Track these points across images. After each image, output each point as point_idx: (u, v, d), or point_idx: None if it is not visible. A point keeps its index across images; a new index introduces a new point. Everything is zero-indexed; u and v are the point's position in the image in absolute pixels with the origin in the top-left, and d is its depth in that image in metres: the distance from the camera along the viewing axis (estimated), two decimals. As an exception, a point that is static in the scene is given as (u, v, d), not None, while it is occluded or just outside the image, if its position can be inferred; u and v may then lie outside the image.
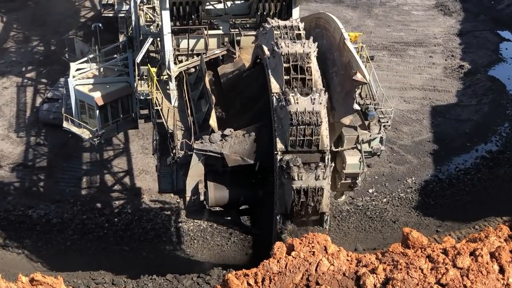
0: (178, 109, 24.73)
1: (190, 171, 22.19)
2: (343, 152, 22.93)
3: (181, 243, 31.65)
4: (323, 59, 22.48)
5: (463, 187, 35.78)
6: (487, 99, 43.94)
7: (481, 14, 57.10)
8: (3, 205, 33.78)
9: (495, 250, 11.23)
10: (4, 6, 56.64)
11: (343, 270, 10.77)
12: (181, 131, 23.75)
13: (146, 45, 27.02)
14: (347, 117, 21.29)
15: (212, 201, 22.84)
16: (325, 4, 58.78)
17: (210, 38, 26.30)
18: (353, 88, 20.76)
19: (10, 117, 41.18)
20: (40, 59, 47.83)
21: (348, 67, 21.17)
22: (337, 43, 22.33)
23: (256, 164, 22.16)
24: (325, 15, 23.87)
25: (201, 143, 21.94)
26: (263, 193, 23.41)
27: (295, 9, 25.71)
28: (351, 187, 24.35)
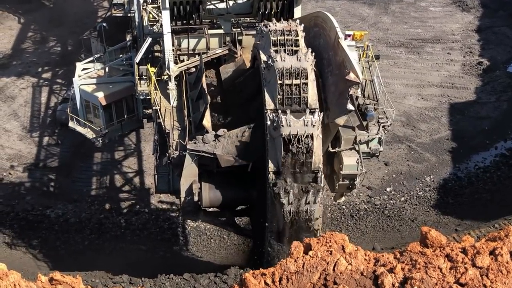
0: (177, 109, 24.71)
1: (184, 171, 22.26)
2: (341, 153, 22.84)
3: (198, 242, 31.77)
4: (319, 59, 22.38)
5: (483, 185, 35.50)
6: (507, 96, 43.50)
7: (500, 10, 56.45)
8: (21, 205, 34.15)
9: None
10: (21, 7, 57.23)
11: (361, 270, 10.75)
12: (178, 131, 23.71)
13: (145, 45, 27.00)
14: (341, 117, 21.26)
15: (206, 202, 22.96)
16: (341, 1, 58.58)
17: (212, 38, 26.31)
18: (347, 88, 20.62)
19: (28, 117, 41.61)
20: (56, 59, 48.28)
21: (342, 66, 21.04)
22: (332, 42, 22.21)
23: (249, 165, 22.21)
24: (323, 14, 23.71)
25: (194, 143, 21.99)
26: (256, 194, 23.42)
27: (297, 8, 25.62)
28: (349, 188, 24.24)
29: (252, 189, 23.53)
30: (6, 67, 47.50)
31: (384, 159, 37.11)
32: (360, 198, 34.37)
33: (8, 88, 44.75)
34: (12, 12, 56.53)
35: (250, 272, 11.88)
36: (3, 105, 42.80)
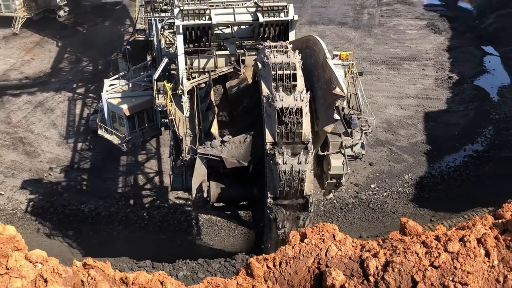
0: (189, 118, 24.69)
1: (195, 172, 22.31)
2: (329, 156, 22.81)
3: (210, 232, 31.73)
4: (310, 76, 22.36)
5: (453, 182, 35.37)
6: (473, 106, 43.40)
7: (466, 32, 56.52)
8: (60, 201, 34.20)
9: (481, 236, 11.09)
10: (59, 33, 57.58)
11: (349, 255, 10.71)
12: (190, 137, 23.73)
13: (162, 65, 27.13)
14: (329, 125, 21.20)
15: (214, 198, 22.89)
16: (331, 26, 58.67)
17: (219, 58, 26.22)
18: (333, 101, 20.56)
19: (64, 126, 41.72)
20: (89, 77, 48.50)
21: (329, 82, 21.03)
22: (321, 61, 22.22)
23: (250, 166, 22.21)
24: (313, 37, 23.70)
25: (203, 148, 22.03)
26: (257, 191, 23.41)
27: (291, 32, 25.44)
28: (336, 186, 24.12)
29: (253, 187, 23.51)
30: (46, 84, 47.68)
31: (369, 160, 37.04)
32: (348, 194, 34.29)
33: (48, 102, 44.91)
34: (51, 37, 56.82)
35: (254, 257, 11.86)
36: (44, 116, 42.92)
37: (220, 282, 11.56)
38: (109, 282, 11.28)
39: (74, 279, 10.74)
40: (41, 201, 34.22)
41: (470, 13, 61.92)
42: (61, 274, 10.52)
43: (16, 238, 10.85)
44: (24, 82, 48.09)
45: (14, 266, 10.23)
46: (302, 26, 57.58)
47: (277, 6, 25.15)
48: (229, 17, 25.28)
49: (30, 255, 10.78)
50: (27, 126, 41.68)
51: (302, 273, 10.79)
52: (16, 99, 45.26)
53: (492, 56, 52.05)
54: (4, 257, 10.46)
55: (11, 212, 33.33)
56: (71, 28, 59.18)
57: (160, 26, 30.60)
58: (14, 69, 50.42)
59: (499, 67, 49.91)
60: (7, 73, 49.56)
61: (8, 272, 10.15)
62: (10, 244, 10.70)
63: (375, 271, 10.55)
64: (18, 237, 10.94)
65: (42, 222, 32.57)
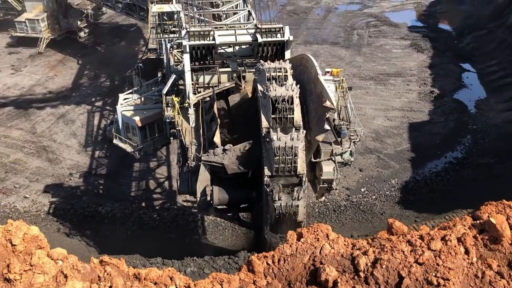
0: (195, 129, 24.69)
1: (199, 177, 22.24)
2: (321, 162, 22.73)
3: (215, 231, 31.61)
4: (304, 90, 22.39)
5: (435, 186, 35.25)
6: (453, 117, 43.37)
7: (446, 51, 56.57)
8: (79, 203, 34.14)
9: (461, 236, 11.02)
10: (80, 52, 57.79)
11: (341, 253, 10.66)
12: (195, 146, 23.73)
13: (170, 81, 27.19)
14: (320, 135, 21.18)
15: (216, 200, 22.85)
16: (324, 45, 58.79)
17: (222, 74, 26.23)
18: (324, 113, 20.61)
19: (84, 136, 41.75)
20: (106, 91, 48.54)
21: (320, 96, 21.09)
22: (313, 77, 22.25)
23: (249, 172, 22.17)
24: (306, 56, 23.84)
25: (207, 155, 22.01)
26: (256, 195, 23.36)
27: (287, 52, 25.42)
28: (328, 190, 24.04)
29: (252, 191, 23.47)
30: (68, 98, 47.75)
31: (359, 166, 36.96)
32: (340, 197, 34.18)
33: (69, 114, 44.95)
34: (72, 56, 57.00)
35: (255, 255, 11.80)
36: (65, 127, 42.95)
37: (224, 278, 11.50)
38: (123, 278, 11.23)
39: (91, 274, 10.71)
40: (62, 203, 34.16)
41: (449, 34, 62.03)
42: (80, 270, 10.51)
43: (39, 238, 10.86)
44: (47, 96, 48.18)
45: (37, 263, 10.24)
46: (298, 46, 57.71)
47: (274, 28, 25.22)
48: (231, 37, 25.34)
49: (51, 253, 10.77)
50: (50, 135, 41.70)
51: (299, 269, 10.74)
52: (41, 111, 45.32)
53: (470, 72, 52.02)
54: (28, 255, 10.46)
55: (35, 214, 33.27)
56: (91, 48, 59.38)
57: (169, 46, 30.70)
58: (39, 84, 50.55)
59: (476, 83, 49.89)
60: (33, 88, 49.68)
61: (32, 268, 10.15)
62: (34, 243, 10.71)
63: (365, 267, 10.48)
64: (41, 237, 10.95)
65: (63, 223, 32.50)
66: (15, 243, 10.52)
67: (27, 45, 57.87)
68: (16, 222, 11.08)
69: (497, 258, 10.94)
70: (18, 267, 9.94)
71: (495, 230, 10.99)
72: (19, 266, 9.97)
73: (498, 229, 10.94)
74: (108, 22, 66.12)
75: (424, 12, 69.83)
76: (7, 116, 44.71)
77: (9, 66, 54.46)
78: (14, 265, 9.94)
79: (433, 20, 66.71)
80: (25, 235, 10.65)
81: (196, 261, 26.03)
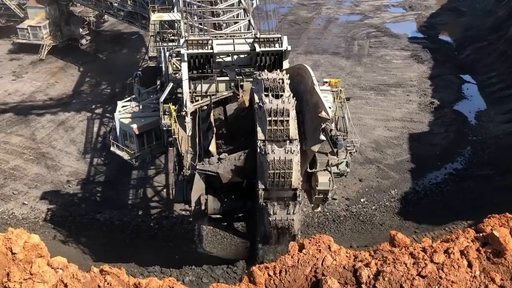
0: (191, 137, 24.51)
1: (194, 186, 22.04)
2: (316, 173, 22.50)
3: (214, 241, 31.41)
4: (300, 100, 22.33)
5: (435, 197, 35.11)
6: (453, 128, 43.33)
7: (446, 62, 56.67)
8: (78, 211, 33.95)
9: (464, 248, 10.91)
10: (81, 59, 57.88)
11: (343, 264, 10.52)
12: (191, 154, 23.59)
13: (168, 89, 27.09)
14: (316, 145, 21.03)
15: (211, 210, 22.69)
16: (325, 55, 58.89)
17: (220, 83, 26.04)
18: (319, 123, 20.45)
19: (84, 143, 41.64)
20: (106, 99, 48.45)
21: (316, 106, 21.00)
22: (309, 87, 22.22)
23: (244, 182, 22.03)
24: (303, 66, 23.67)
25: (202, 164, 21.85)
26: (250, 205, 23.22)
27: (285, 61, 25.30)
28: (323, 200, 23.61)
29: (247, 201, 23.35)
30: (68, 105, 47.71)
31: (358, 176, 36.86)
32: (340, 207, 34.03)
33: (69, 121, 44.89)
34: (74, 63, 57.08)
35: (256, 266, 11.67)
36: (65, 134, 42.86)
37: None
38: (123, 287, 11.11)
39: (91, 284, 10.61)
40: (60, 210, 33.97)
41: (450, 45, 62.23)
42: (80, 280, 10.41)
43: (40, 246, 10.79)
44: (48, 103, 48.13)
45: (38, 272, 10.16)
46: (299, 56, 57.84)
47: (272, 38, 25.19)
48: (229, 47, 25.30)
49: (52, 262, 10.68)
50: (49, 142, 41.59)
51: (300, 281, 10.60)
52: (41, 118, 45.25)
53: (470, 84, 52.10)
54: (28, 263, 10.38)
55: (33, 221, 33.08)
56: (92, 55, 59.49)
57: (168, 54, 30.72)
58: (40, 91, 50.54)
59: (476, 94, 49.94)
60: (34, 95, 49.67)
61: (32, 277, 10.07)
62: (34, 251, 10.63)
63: (367, 279, 10.34)
64: (41, 245, 10.87)
65: (61, 230, 32.31)
66: (15, 252, 10.45)
67: (28, 52, 57.96)
68: (16, 230, 10.99)
69: (500, 271, 10.82)
70: (18, 275, 9.86)
71: (498, 243, 10.87)
72: (19, 274, 9.89)
73: (501, 242, 10.82)
74: (110, 30, 66.30)
75: (424, 24, 70.06)
76: (7, 122, 44.65)
77: (11, 72, 54.50)
78: (14, 274, 9.86)
79: (434, 31, 66.93)
80: (26, 243, 10.57)
81: (195, 270, 25.93)
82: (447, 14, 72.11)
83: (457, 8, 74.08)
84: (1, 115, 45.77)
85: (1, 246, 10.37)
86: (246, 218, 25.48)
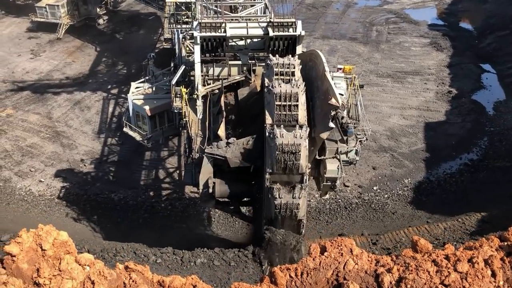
0: (201, 121, 24.40)
1: (202, 169, 22.07)
2: (325, 160, 22.27)
3: (226, 223, 31.40)
4: (311, 86, 21.93)
5: (449, 187, 34.41)
6: (470, 118, 42.33)
7: (466, 51, 55.17)
8: (93, 190, 34.13)
9: (488, 257, 10.55)
10: (98, 39, 57.69)
11: (365, 269, 10.24)
12: (200, 138, 23.51)
13: (179, 71, 26.88)
14: (325, 133, 20.70)
15: (218, 193, 22.63)
16: (343, 40, 57.83)
17: (232, 67, 25.80)
18: (329, 110, 20.11)
19: (99, 123, 41.74)
20: (122, 79, 48.30)
21: (326, 93, 20.58)
22: (320, 74, 21.75)
23: (251, 166, 21.81)
24: (315, 52, 23.24)
25: (210, 148, 21.78)
26: (257, 189, 23.08)
27: (299, 46, 24.77)
28: (331, 188, 23.58)
29: (254, 185, 23.28)
30: (84, 84, 47.71)
31: (372, 164, 36.39)
32: (352, 194, 33.68)
33: (85, 100, 44.96)
34: (91, 42, 56.95)
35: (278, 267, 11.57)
36: (81, 113, 42.96)
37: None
38: (147, 285, 11.09)
39: (117, 281, 10.60)
40: (76, 189, 34.15)
41: (470, 33, 60.53)
42: (106, 277, 10.42)
43: (68, 243, 10.82)
44: (64, 82, 48.17)
45: (66, 268, 10.18)
46: (316, 40, 56.92)
47: (286, 22, 24.62)
48: (242, 30, 24.81)
49: (79, 258, 10.68)
50: (65, 121, 41.72)
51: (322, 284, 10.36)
52: (57, 97, 45.35)
53: (490, 73, 50.64)
54: (57, 260, 10.41)
55: (49, 198, 33.39)
56: (109, 35, 59.22)
57: (181, 36, 30.43)
58: (57, 70, 50.61)
59: (495, 84, 48.62)
60: (51, 73, 49.77)
61: (61, 274, 10.10)
62: (63, 248, 10.65)
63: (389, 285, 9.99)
64: (69, 242, 10.90)
65: (76, 208, 32.49)
66: (45, 248, 10.47)
67: (46, 31, 57.92)
68: (46, 226, 11.01)
69: (525, 282, 10.46)
70: (47, 271, 9.90)
71: (524, 252, 10.49)
72: (48, 270, 9.93)
73: (527, 251, 10.45)
74: (127, 10, 65.85)
75: (445, 10, 68.23)
76: (25, 100, 44.86)
77: (29, 50, 54.61)
78: (44, 270, 9.91)
79: (454, 18, 65.11)
80: (55, 240, 10.61)
81: (206, 253, 25.78)
82: (469, 1, 69.94)
83: (479, -6, 72.01)
84: (19, 93, 45.99)
85: (31, 242, 10.41)
86: (253, 202, 25.47)
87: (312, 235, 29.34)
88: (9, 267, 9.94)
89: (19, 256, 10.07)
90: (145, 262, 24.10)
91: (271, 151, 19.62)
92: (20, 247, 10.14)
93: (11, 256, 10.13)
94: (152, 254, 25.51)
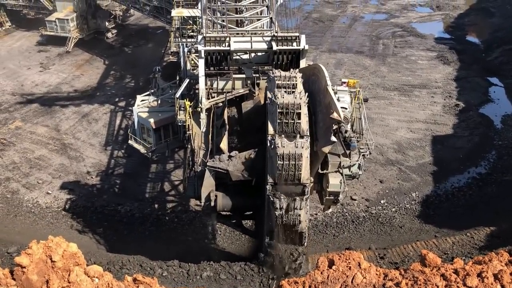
0: (205, 134, 24.47)
1: (204, 182, 22.09)
2: (328, 174, 22.17)
3: (232, 236, 31.32)
4: (314, 100, 21.94)
5: (457, 201, 34.16)
6: (478, 132, 42.19)
7: (473, 64, 55.22)
8: (99, 202, 34.24)
9: (498, 272, 10.47)
10: (106, 52, 58.39)
11: (373, 283, 10.16)
12: (203, 151, 23.59)
13: (184, 84, 27.12)
14: (327, 147, 20.61)
15: (220, 206, 22.61)
16: (349, 54, 58.11)
17: (236, 81, 25.89)
18: (331, 124, 20.07)
19: (106, 135, 42.01)
20: (130, 92, 48.65)
21: (328, 107, 20.61)
22: (322, 88, 21.84)
23: (253, 180, 21.85)
24: (318, 66, 23.22)
25: (212, 161, 21.84)
26: (259, 203, 23.06)
27: (302, 60, 24.82)
28: (334, 202, 23.38)
29: (256, 199, 23.26)
30: (92, 97, 48.17)
31: (379, 178, 36.28)
32: (359, 208, 33.53)
33: (93, 113, 45.35)
34: (99, 56, 57.66)
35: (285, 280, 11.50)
36: (89, 126, 43.31)
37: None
38: None
39: None
40: (83, 201, 34.27)
41: (477, 47, 60.64)
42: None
43: (78, 255, 10.86)
44: (73, 95, 48.72)
45: (75, 280, 10.22)
46: (322, 54, 57.24)
47: (290, 36, 24.81)
48: (246, 44, 24.96)
49: (88, 270, 10.73)
50: (73, 134, 42.08)
51: (329, 298, 10.34)
52: (65, 109, 45.81)
53: (497, 87, 50.54)
54: (66, 271, 10.45)
55: (56, 210, 33.53)
56: (117, 48, 59.94)
57: (186, 50, 30.73)
58: (65, 82, 51.21)
59: (503, 97, 48.50)
60: (59, 86, 50.35)
61: (70, 285, 10.14)
62: (72, 260, 10.70)
63: (397, 300, 10.01)
64: (79, 254, 10.94)
65: (83, 221, 32.58)
66: (55, 260, 10.52)
67: (56, 44, 58.76)
68: (56, 238, 11.08)
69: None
70: (57, 283, 9.94)
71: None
72: (57, 282, 9.97)
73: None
74: (136, 24, 66.72)
75: (452, 24, 68.48)
76: (34, 112, 45.36)
77: (38, 64, 55.35)
78: (53, 281, 9.95)
79: (461, 32, 65.32)
80: (65, 251, 10.67)
81: (212, 266, 25.70)
82: (475, 14, 70.33)
83: (486, 8, 72.17)
84: (28, 105, 46.52)
85: (41, 253, 10.48)
86: (255, 216, 25.43)
87: (319, 249, 29.20)
88: (19, 279, 9.99)
89: (29, 267, 10.12)
90: (151, 275, 24.05)
91: (273, 161, 19.68)
92: (30, 259, 10.20)
93: (21, 267, 10.19)
94: (158, 267, 25.46)
